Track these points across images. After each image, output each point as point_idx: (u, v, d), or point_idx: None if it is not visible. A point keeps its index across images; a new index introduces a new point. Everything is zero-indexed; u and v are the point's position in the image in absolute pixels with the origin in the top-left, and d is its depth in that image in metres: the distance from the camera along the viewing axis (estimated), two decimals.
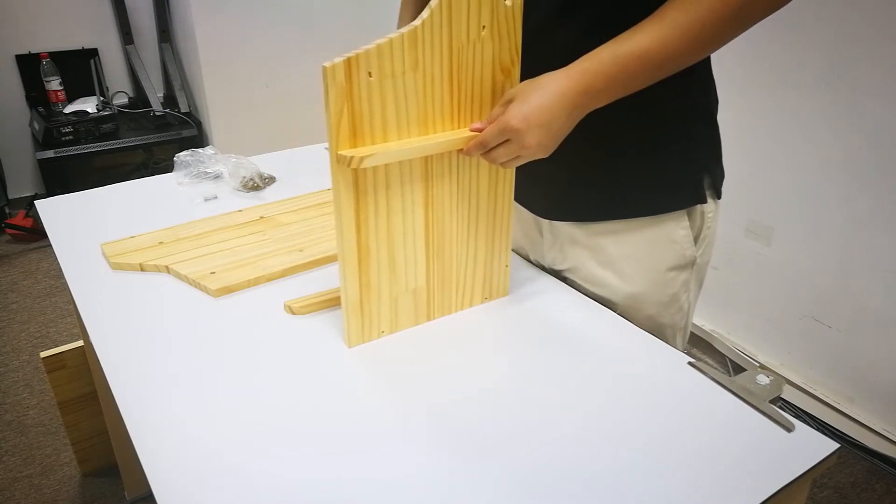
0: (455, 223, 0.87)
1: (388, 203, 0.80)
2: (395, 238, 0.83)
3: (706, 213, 0.93)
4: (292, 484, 0.66)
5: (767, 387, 0.78)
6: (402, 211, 0.82)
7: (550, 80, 0.75)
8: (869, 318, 1.66)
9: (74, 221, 1.22)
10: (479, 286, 0.94)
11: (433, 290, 0.89)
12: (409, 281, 0.87)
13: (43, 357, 1.50)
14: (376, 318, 0.86)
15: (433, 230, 0.85)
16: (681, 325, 1.00)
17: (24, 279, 2.54)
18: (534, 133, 0.74)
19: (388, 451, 0.70)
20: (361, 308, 0.84)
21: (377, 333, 0.87)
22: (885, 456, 1.68)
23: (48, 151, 2.76)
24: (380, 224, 0.80)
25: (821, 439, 0.71)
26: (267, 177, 1.36)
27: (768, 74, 1.71)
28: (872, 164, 1.56)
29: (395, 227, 0.82)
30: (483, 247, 0.91)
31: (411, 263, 0.85)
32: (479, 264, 0.92)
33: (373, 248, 0.81)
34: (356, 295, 0.83)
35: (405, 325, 0.89)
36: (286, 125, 3.07)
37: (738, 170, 1.84)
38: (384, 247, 0.82)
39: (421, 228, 0.84)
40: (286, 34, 2.93)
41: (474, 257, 0.91)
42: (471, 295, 0.94)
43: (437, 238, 0.86)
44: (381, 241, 0.82)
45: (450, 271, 0.90)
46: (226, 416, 0.75)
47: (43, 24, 2.91)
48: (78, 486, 1.65)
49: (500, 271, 0.95)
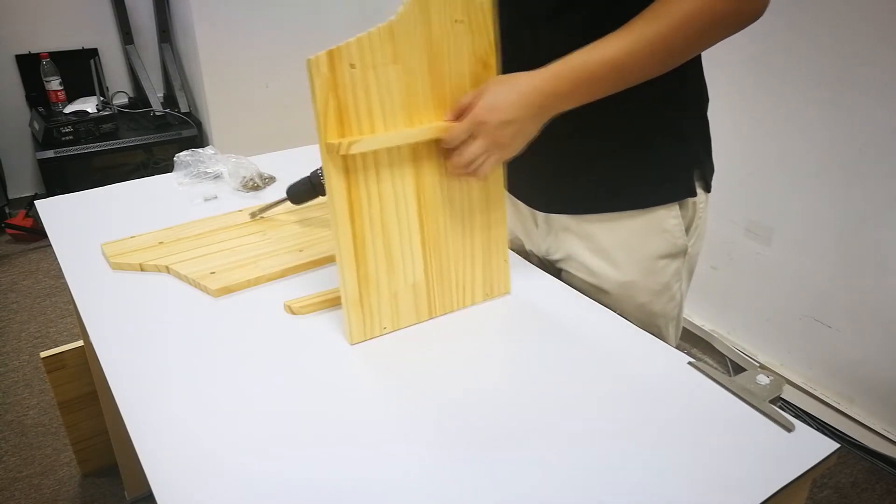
0: (448, 216, 0.88)
1: (381, 192, 0.82)
2: (389, 228, 0.84)
3: (698, 203, 0.94)
4: (293, 484, 0.66)
5: (767, 387, 0.78)
6: (395, 200, 0.83)
7: (520, 78, 0.78)
8: (869, 318, 1.65)
9: (74, 221, 1.22)
10: (479, 283, 0.94)
11: (433, 286, 0.90)
12: (408, 275, 0.87)
13: (43, 357, 1.50)
14: (377, 313, 0.87)
15: (427, 222, 0.87)
16: (673, 314, 1.00)
17: (24, 279, 2.55)
18: (502, 127, 0.77)
19: (390, 450, 0.70)
20: (361, 303, 0.85)
21: (379, 330, 0.88)
22: (886, 456, 1.68)
23: (48, 151, 2.76)
24: (373, 213, 0.82)
25: (821, 439, 0.71)
26: (267, 177, 1.36)
27: (767, 74, 1.71)
28: (872, 164, 1.56)
29: (389, 216, 0.83)
30: (479, 241, 0.92)
31: (408, 256, 0.86)
32: (476, 259, 0.93)
33: (368, 239, 0.83)
34: (355, 289, 0.84)
35: (407, 322, 0.90)
36: (286, 125, 3.07)
37: (738, 170, 1.84)
38: (379, 237, 0.84)
39: (415, 219, 0.86)
40: (286, 34, 2.93)
41: (471, 252, 0.92)
42: (472, 292, 0.94)
43: (432, 230, 0.87)
44: (375, 232, 0.83)
45: (447, 265, 0.90)
46: (226, 416, 0.75)
47: (43, 24, 2.91)
48: (78, 487, 1.65)
49: (500, 267, 0.95)
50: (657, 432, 0.72)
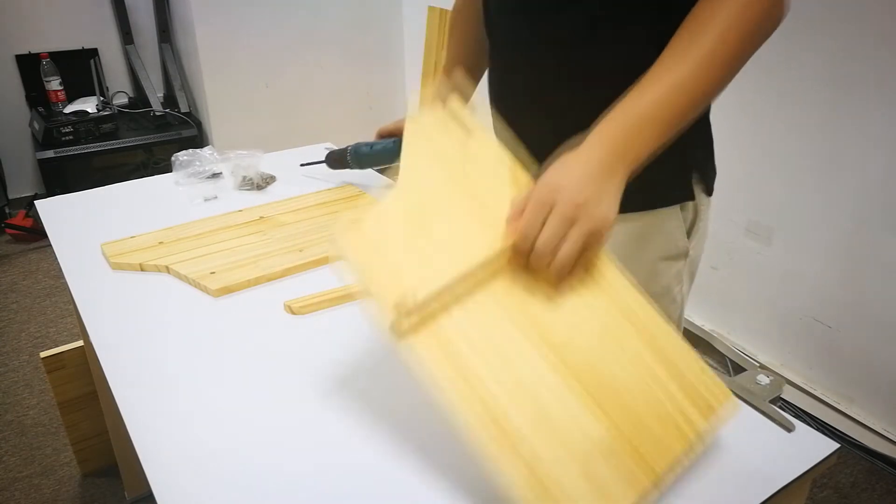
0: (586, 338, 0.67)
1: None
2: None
3: (699, 206, 0.94)
4: (294, 483, 0.66)
5: (768, 387, 0.78)
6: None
7: (570, 158, 0.71)
8: (869, 318, 1.66)
9: (74, 221, 1.22)
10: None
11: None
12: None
13: (43, 357, 1.50)
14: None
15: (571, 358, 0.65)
16: (674, 317, 0.99)
17: (23, 279, 2.54)
18: (574, 188, 0.67)
19: (393, 449, 0.70)
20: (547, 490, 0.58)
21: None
22: (886, 456, 1.68)
23: (48, 151, 2.75)
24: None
25: (821, 439, 0.71)
26: (267, 176, 1.36)
27: (767, 74, 1.71)
28: (872, 164, 1.56)
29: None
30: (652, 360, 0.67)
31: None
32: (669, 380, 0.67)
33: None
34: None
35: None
36: (286, 125, 3.07)
37: (738, 170, 1.84)
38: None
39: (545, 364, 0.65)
40: (286, 34, 2.93)
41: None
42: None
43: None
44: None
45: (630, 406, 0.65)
46: (226, 416, 0.75)
47: (43, 24, 2.91)
48: (78, 487, 1.65)
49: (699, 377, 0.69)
50: None
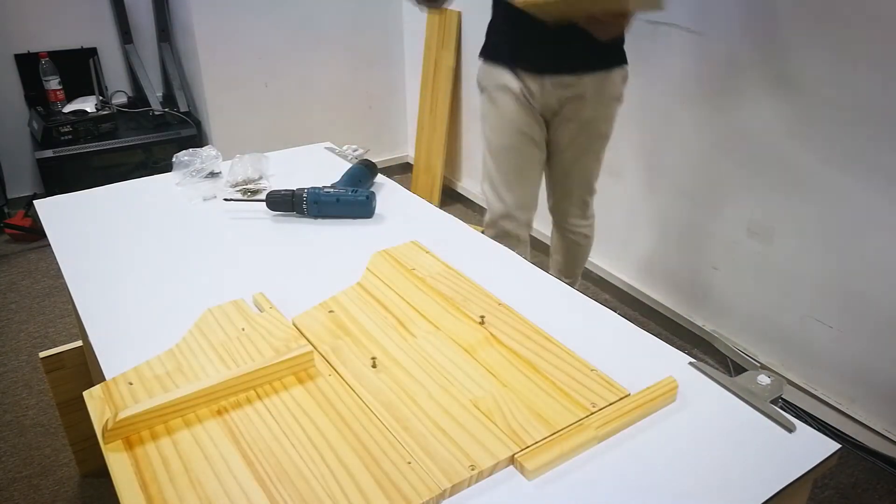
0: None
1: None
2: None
3: (626, 69, 1.62)
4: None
5: (768, 387, 0.78)
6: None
7: None
8: (869, 318, 1.65)
9: (73, 221, 1.22)
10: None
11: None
12: None
13: (42, 357, 1.50)
14: None
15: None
16: (608, 136, 1.68)
17: (23, 279, 2.54)
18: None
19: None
20: None
21: None
22: (887, 456, 1.68)
23: (47, 151, 2.75)
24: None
25: (822, 440, 0.71)
26: (267, 177, 1.35)
27: (767, 74, 1.70)
28: (873, 164, 1.55)
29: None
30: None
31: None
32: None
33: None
34: None
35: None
36: (286, 125, 3.07)
37: (738, 170, 1.84)
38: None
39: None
40: (285, 34, 2.93)
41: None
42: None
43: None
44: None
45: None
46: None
47: (42, 24, 2.90)
48: (77, 487, 1.64)
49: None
50: (658, 432, 0.72)
